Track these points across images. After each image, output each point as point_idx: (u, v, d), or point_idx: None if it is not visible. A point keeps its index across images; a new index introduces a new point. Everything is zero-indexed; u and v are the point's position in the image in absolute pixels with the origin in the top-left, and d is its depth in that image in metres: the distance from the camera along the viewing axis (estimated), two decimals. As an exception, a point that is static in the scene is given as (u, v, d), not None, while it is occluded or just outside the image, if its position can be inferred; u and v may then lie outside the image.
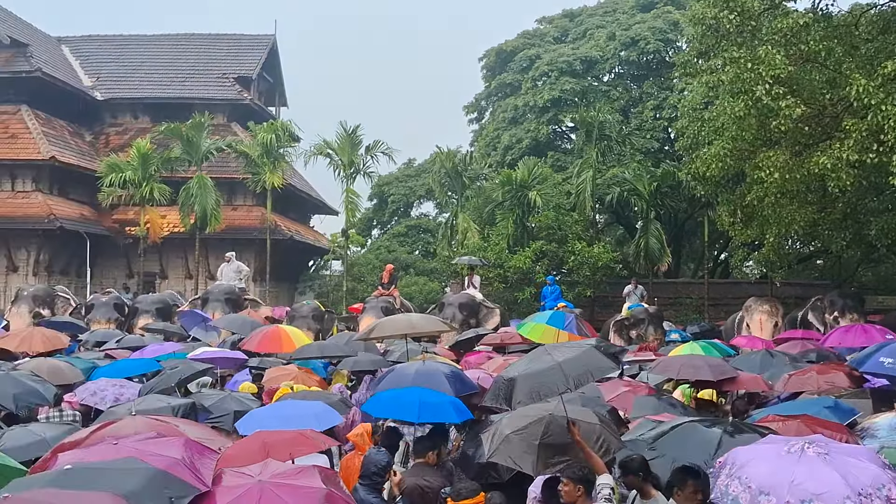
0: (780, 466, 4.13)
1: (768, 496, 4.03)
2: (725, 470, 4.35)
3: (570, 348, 6.71)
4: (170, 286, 27.64)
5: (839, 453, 4.23)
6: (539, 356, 6.64)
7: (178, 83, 32.28)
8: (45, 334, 12.44)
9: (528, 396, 6.11)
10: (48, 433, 5.94)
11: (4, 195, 26.92)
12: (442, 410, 6.69)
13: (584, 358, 6.30)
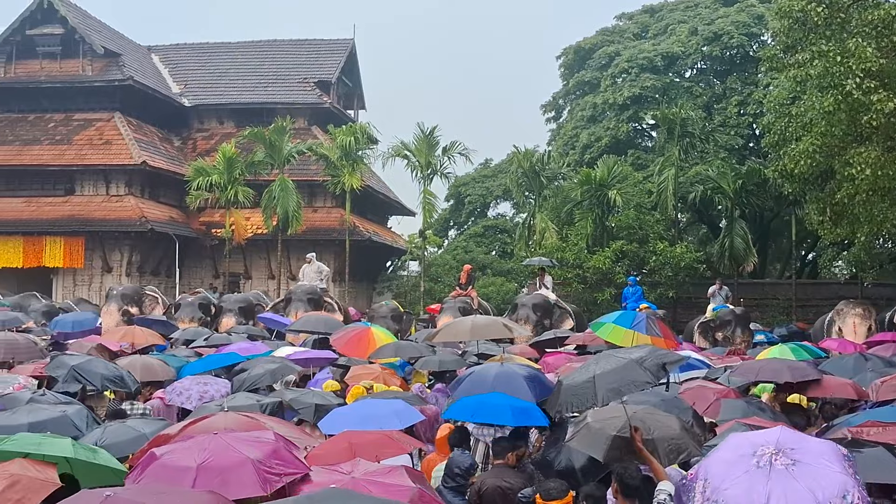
0: (752, 486, 4.07)
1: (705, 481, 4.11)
2: (699, 486, 4.22)
3: (611, 359, 6.86)
4: (253, 286, 28.40)
5: (806, 462, 4.16)
6: (585, 367, 6.85)
7: (262, 89, 33.14)
8: (141, 332, 12.97)
9: (568, 407, 6.36)
10: (146, 429, 6.17)
11: (100, 199, 28.14)
12: (533, 414, 6.68)
13: (621, 372, 6.48)
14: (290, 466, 4.36)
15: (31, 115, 29.83)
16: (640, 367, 6.69)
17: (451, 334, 10.59)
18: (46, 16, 29.36)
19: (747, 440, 4.43)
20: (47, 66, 29.61)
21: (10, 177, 28.54)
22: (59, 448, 4.63)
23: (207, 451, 4.34)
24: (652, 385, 7.13)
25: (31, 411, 6.48)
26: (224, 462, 4.27)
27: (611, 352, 7.52)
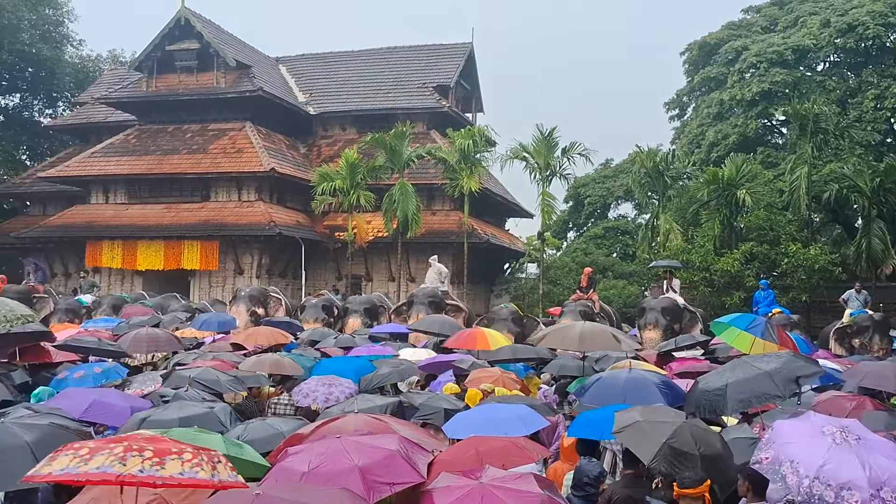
0: (845, 458, 4.54)
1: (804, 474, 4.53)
2: (787, 468, 4.65)
3: (746, 368, 6.95)
4: (374, 288, 29.04)
5: (868, 445, 4.64)
6: (742, 367, 6.93)
7: (382, 95, 33.88)
8: (270, 331, 13.53)
9: (743, 404, 6.50)
10: (284, 427, 6.43)
11: (232, 205, 29.54)
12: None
13: (752, 383, 6.65)
14: (403, 475, 4.38)
15: (171, 127, 31.70)
16: (772, 379, 6.66)
17: (558, 340, 10.41)
18: (184, 32, 31.13)
19: (808, 422, 4.96)
20: (185, 79, 31.39)
21: (152, 185, 30.43)
22: (211, 443, 4.90)
23: (322, 455, 4.47)
24: (782, 399, 7.03)
25: (181, 407, 6.87)
26: (332, 468, 4.39)
27: (746, 359, 7.28)
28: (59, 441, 6.00)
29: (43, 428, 5.75)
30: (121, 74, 37.01)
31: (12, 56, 37.85)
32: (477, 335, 12.45)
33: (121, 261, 29.34)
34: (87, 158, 31.57)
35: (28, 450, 5.39)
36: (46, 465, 3.89)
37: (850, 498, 4.37)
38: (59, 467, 3.82)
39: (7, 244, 33.30)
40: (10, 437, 5.55)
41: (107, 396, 7.91)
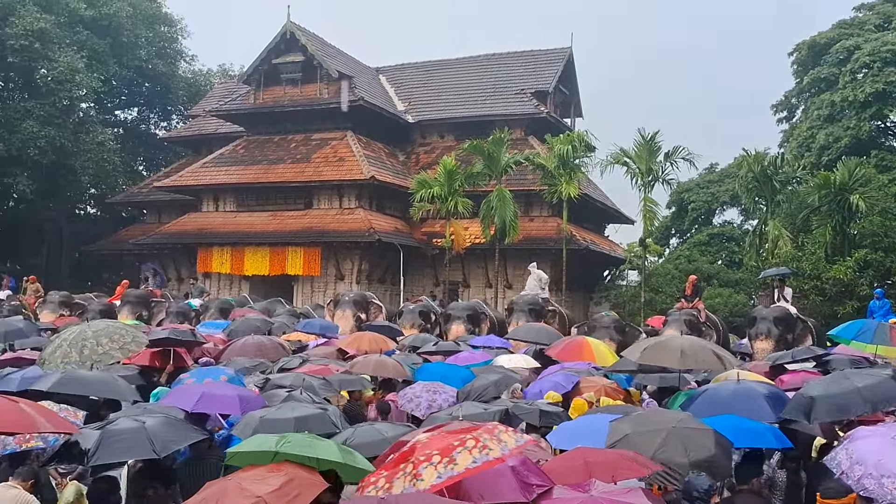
0: (880, 447, 5.08)
1: (859, 465, 4.98)
2: (845, 442, 5.37)
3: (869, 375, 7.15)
4: (471, 294, 29.13)
5: None
6: (838, 379, 7.11)
7: (480, 102, 34.01)
8: (373, 336, 13.77)
9: (828, 414, 6.76)
10: (390, 433, 6.52)
11: (334, 212, 30.26)
12: (772, 436, 6.30)
13: (880, 387, 6.85)
14: (541, 477, 4.40)
15: (276, 137, 32.78)
16: (860, 395, 6.80)
17: (658, 357, 10.07)
18: (289, 45, 32.15)
19: (877, 432, 5.46)
20: (289, 91, 32.40)
21: (258, 193, 31.54)
22: (326, 451, 5.06)
23: None
24: (865, 414, 7.04)
25: (294, 408, 7.08)
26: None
27: (849, 373, 7.31)
28: (174, 426, 6.43)
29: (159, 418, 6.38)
30: (230, 87, 38.55)
31: (131, 72, 40.03)
32: (583, 346, 12.28)
33: (229, 266, 30.51)
34: (198, 169, 33.02)
35: (142, 429, 6.20)
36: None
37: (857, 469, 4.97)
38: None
39: (126, 250, 35.23)
40: (130, 422, 6.21)
41: (214, 388, 8.25)
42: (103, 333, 9.79)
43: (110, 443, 6.03)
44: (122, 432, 6.14)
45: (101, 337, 9.68)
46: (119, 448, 6.06)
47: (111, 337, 9.78)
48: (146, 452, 6.12)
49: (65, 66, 32.39)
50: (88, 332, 9.80)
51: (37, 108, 33.08)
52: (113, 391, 8.48)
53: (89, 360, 9.39)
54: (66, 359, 9.35)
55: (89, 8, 35.47)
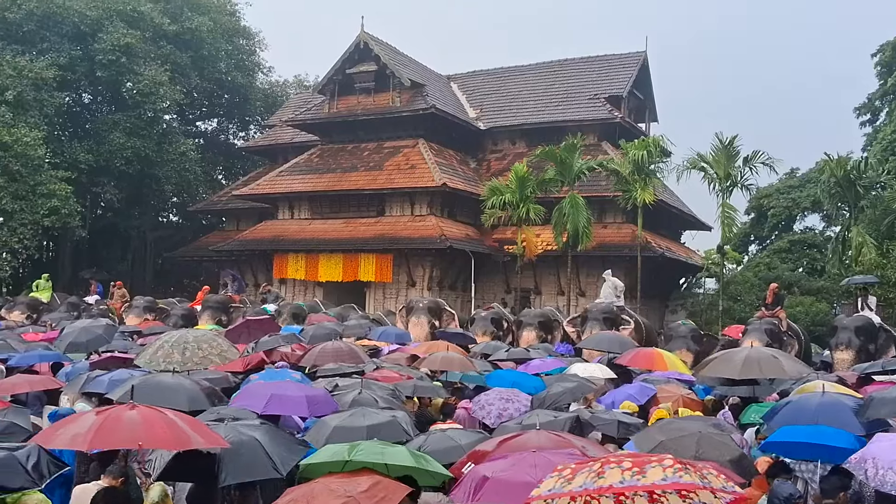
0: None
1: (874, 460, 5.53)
2: (868, 464, 5.63)
3: None
4: (543, 302, 28.86)
5: None
6: None
7: (552, 107, 33.77)
8: (447, 345, 13.77)
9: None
10: (462, 440, 6.49)
11: (406, 219, 30.49)
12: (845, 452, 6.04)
13: None
14: None
15: (350, 145, 33.26)
16: None
17: (719, 368, 9.77)
18: (362, 55, 32.62)
19: None
20: (363, 100, 32.86)
21: (332, 201, 32.04)
22: (398, 456, 5.07)
23: (537, 467, 4.44)
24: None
25: (365, 415, 7.11)
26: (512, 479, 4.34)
27: None
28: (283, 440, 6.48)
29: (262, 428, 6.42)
30: (305, 98, 39.34)
31: (211, 84, 41.27)
32: (655, 357, 12.08)
33: (304, 272, 31.07)
34: (274, 177, 33.76)
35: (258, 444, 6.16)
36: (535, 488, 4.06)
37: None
38: (546, 488, 3.99)
39: (206, 257, 36.28)
40: (240, 435, 6.19)
41: (283, 389, 8.36)
42: (203, 339, 10.29)
43: (233, 462, 5.97)
44: (239, 450, 6.06)
45: (202, 342, 10.14)
46: (243, 468, 5.99)
47: (210, 343, 10.22)
48: (270, 472, 6.03)
49: (149, 79, 33.62)
50: (189, 336, 10.29)
51: (123, 121, 34.43)
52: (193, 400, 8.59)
53: (190, 362, 9.77)
54: (168, 359, 9.79)
55: (173, 23, 36.75)
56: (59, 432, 5.83)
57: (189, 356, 9.83)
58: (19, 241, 29.17)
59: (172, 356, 9.82)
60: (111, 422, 5.74)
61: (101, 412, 6.02)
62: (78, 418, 6.09)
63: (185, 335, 10.47)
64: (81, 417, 6.07)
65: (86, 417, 5.97)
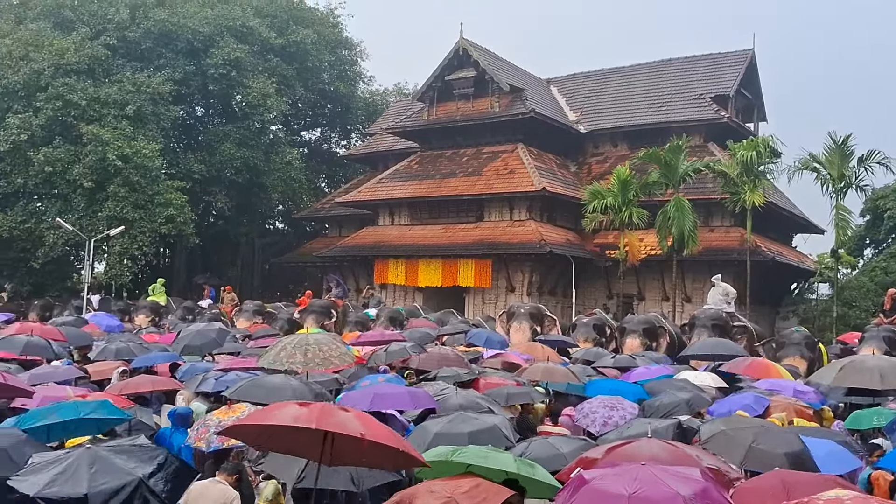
0: None
1: None
2: None
3: None
4: (647, 307, 28.23)
5: None
6: None
7: (655, 109, 33.05)
8: (546, 350, 13.68)
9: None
10: (565, 448, 6.42)
11: (504, 224, 30.44)
12: None
13: None
14: None
15: (449, 151, 33.52)
16: None
17: (855, 378, 9.21)
18: (461, 61, 32.85)
19: None
20: (462, 106, 33.06)
21: (431, 207, 32.35)
22: (503, 462, 5.06)
23: (638, 481, 4.33)
24: None
25: (465, 420, 7.13)
26: (655, 495, 4.23)
27: None
28: None
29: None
30: (405, 105, 39.92)
31: (314, 95, 42.47)
32: (770, 369, 11.62)
33: (404, 278, 31.47)
34: (375, 184, 34.38)
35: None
36: None
37: None
38: None
39: (310, 262, 37.33)
40: None
41: (385, 388, 8.65)
42: (323, 342, 10.75)
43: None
44: None
45: (322, 344, 10.56)
46: (330, 474, 6.20)
47: (330, 346, 10.64)
48: (349, 485, 6.28)
49: (257, 91, 34.89)
50: (310, 339, 10.77)
51: (233, 132, 35.87)
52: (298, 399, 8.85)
53: (311, 363, 10.15)
54: (291, 359, 10.27)
55: (279, 37, 38.03)
56: (277, 412, 5.61)
57: (311, 357, 10.21)
58: (139, 248, 30.82)
59: (295, 356, 10.24)
60: (328, 409, 5.58)
61: (304, 404, 5.74)
62: (283, 406, 5.84)
63: (305, 337, 10.92)
64: (288, 406, 5.80)
65: (292, 406, 5.71)
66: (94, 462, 5.20)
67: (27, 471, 5.35)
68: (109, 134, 30.17)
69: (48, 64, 31.24)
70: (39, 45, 31.89)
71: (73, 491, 4.94)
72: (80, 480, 5.00)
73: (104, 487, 4.99)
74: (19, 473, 5.26)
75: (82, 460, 5.23)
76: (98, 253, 30.24)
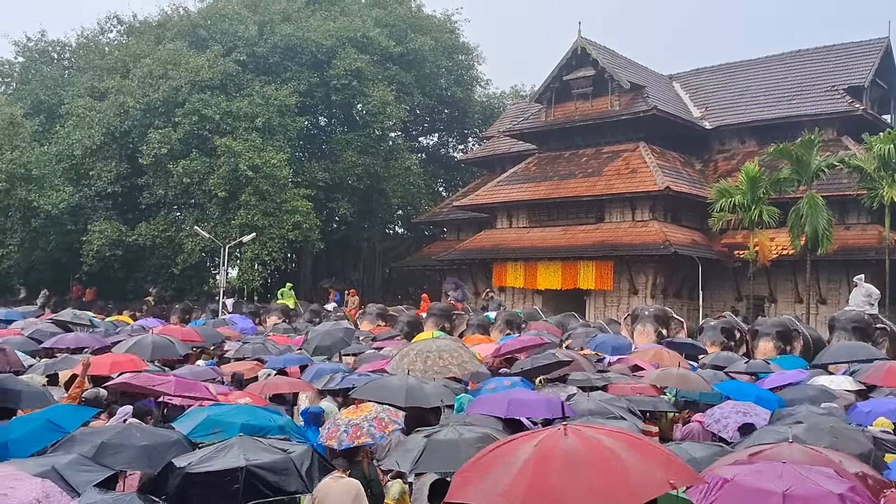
0: None
1: None
2: None
3: None
4: (778, 310, 27.03)
5: None
6: None
7: (785, 102, 31.61)
8: (672, 355, 13.32)
9: None
10: (698, 453, 6.26)
11: (626, 225, 29.85)
12: None
13: None
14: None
15: (567, 152, 33.21)
16: None
17: None
18: (580, 61, 32.49)
19: None
20: (580, 106, 32.69)
21: (550, 209, 32.13)
22: None
23: (785, 478, 4.18)
24: None
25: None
26: (810, 493, 4.06)
27: None
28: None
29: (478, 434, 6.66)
30: (522, 108, 39.89)
31: (432, 101, 43.11)
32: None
33: (523, 280, 31.39)
34: (493, 187, 34.50)
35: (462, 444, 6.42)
36: None
37: None
38: None
39: (429, 266, 37.90)
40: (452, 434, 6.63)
41: (519, 394, 8.64)
42: (445, 349, 11.00)
43: (433, 453, 6.39)
44: (443, 445, 6.46)
45: (444, 352, 10.81)
46: (438, 460, 6.38)
47: (452, 354, 10.88)
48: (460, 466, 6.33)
49: (377, 99, 35.76)
50: (433, 346, 11.10)
51: (355, 140, 36.92)
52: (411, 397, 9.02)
53: (430, 371, 10.43)
54: (411, 366, 10.59)
55: (398, 45, 38.85)
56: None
57: (430, 364, 10.49)
58: (268, 254, 32.23)
59: (416, 364, 10.54)
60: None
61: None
62: None
63: (429, 344, 11.21)
64: None
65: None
66: (246, 446, 5.54)
67: (185, 456, 5.81)
68: (241, 146, 31.71)
69: (185, 81, 33.20)
70: (177, 64, 33.94)
71: (228, 464, 5.26)
72: (235, 456, 5.33)
73: (257, 462, 5.29)
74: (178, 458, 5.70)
75: (235, 444, 5.59)
76: (231, 258, 31.83)
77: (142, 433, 6.81)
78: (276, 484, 5.34)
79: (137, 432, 6.74)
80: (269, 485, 5.29)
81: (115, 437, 6.33)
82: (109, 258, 33.71)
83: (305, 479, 5.44)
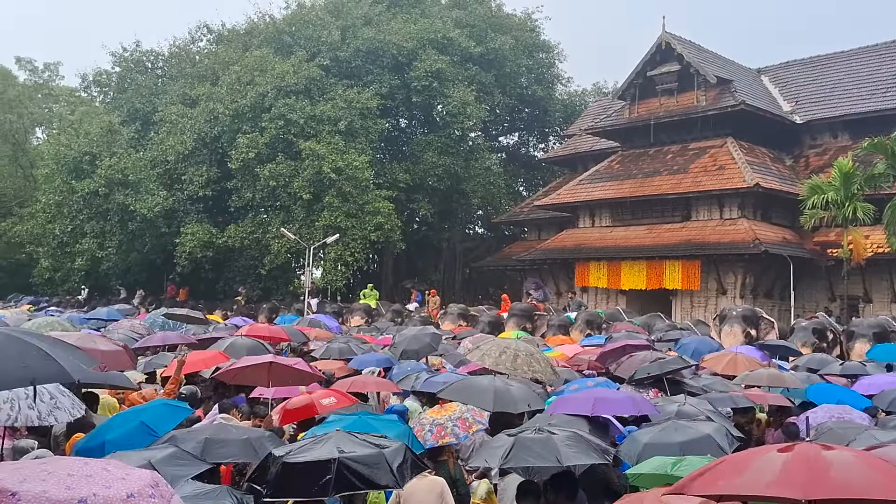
0: None
1: None
2: None
3: None
4: (874, 310, 25.96)
5: None
6: None
7: (880, 95, 30.24)
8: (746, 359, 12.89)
9: None
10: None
11: (714, 223, 29.09)
12: None
13: None
14: None
15: (651, 150, 32.59)
16: None
17: None
18: (664, 56, 31.84)
19: None
20: (664, 101, 32.04)
21: (634, 207, 31.60)
22: None
23: None
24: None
25: (677, 429, 6.97)
26: None
27: None
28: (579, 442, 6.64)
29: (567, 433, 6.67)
30: (604, 105, 39.38)
31: (512, 100, 43.02)
32: None
33: (606, 281, 30.96)
34: (574, 186, 34.17)
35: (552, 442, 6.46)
36: None
37: None
38: None
39: (510, 266, 37.80)
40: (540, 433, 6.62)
41: (604, 393, 8.60)
42: (535, 356, 11.04)
43: (521, 449, 6.40)
44: (533, 441, 6.47)
45: (532, 357, 10.90)
46: (530, 456, 6.38)
47: (540, 362, 11.03)
48: (552, 462, 6.32)
49: (457, 100, 35.93)
50: (521, 347, 11.19)
51: (435, 141, 37.19)
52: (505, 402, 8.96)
53: (519, 370, 10.48)
54: (499, 358, 10.63)
55: (478, 45, 38.96)
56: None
57: (520, 363, 10.52)
58: (351, 255, 32.79)
59: (503, 358, 10.54)
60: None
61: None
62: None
63: (517, 344, 11.26)
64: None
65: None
66: (341, 440, 5.70)
67: (284, 447, 6.03)
68: (324, 149, 32.37)
69: (271, 87, 34.13)
70: (263, 70, 34.93)
71: (322, 455, 5.42)
72: (330, 448, 5.50)
73: (350, 454, 5.43)
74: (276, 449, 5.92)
75: (332, 437, 5.76)
76: (315, 259, 32.53)
77: (236, 428, 7.11)
78: (368, 477, 5.45)
79: (232, 428, 7.05)
80: (361, 477, 5.41)
81: (215, 433, 6.62)
82: (201, 259, 34.95)
83: (396, 474, 5.52)
